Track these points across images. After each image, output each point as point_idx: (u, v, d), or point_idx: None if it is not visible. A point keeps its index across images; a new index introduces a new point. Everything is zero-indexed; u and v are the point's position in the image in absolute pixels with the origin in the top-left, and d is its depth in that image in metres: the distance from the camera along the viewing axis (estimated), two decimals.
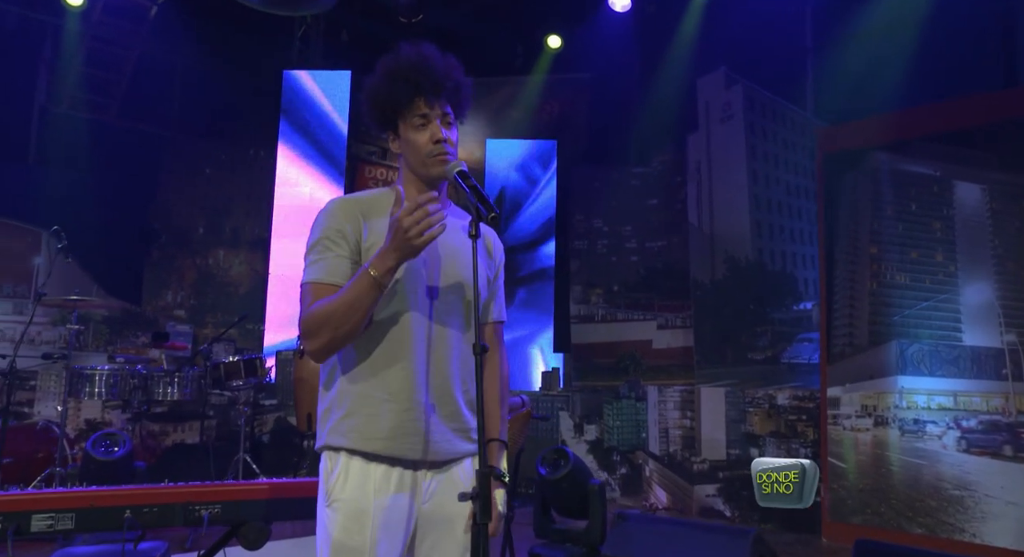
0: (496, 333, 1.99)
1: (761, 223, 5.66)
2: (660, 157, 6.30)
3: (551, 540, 3.74)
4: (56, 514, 1.81)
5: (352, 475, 1.74)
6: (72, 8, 5.88)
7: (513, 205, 7.14)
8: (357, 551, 1.70)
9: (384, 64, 1.90)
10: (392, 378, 1.75)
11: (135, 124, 7.23)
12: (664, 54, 6.12)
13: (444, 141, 1.84)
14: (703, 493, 5.46)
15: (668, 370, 6.00)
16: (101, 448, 3.64)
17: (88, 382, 4.18)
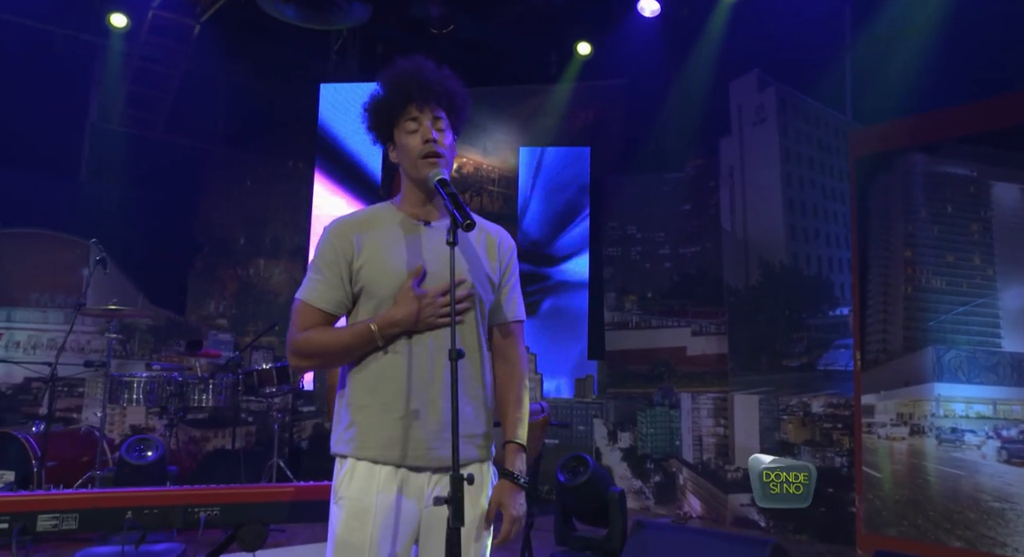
0: (513, 333, 2.00)
1: (795, 227, 5.56)
2: (693, 162, 6.23)
3: (571, 547, 3.74)
4: (61, 514, 1.89)
5: (358, 474, 1.81)
6: (116, 29, 6.12)
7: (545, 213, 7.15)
8: (358, 548, 1.76)
9: (380, 77, 1.96)
10: (386, 389, 1.82)
11: (180, 139, 7.48)
12: (695, 58, 6.07)
13: (434, 141, 1.88)
14: (737, 502, 5.37)
15: (702, 377, 5.92)
16: (135, 453, 3.77)
17: (127, 389, 4.33)
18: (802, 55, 5.55)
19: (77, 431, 4.61)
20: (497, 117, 7.46)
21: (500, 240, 2.03)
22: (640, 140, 6.49)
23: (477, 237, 1.98)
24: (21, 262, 5.97)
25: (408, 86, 1.89)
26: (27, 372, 5.43)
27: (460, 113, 1.99)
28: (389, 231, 1.89)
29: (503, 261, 2.01)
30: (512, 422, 1.94)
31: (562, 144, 7.15)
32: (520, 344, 2.02)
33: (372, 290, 1.83)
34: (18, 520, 1.85)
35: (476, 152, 7.55)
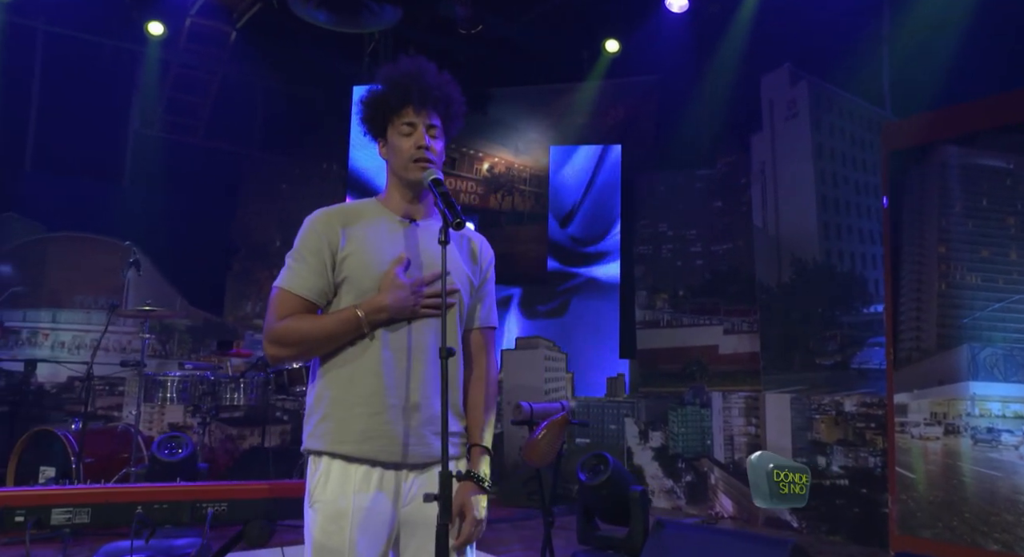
0: (484, 338, 2.01)
1: (829, 224, 5.46)
2: (724, 158, 6.16)
3: (594, 546, 3.73)
4: (74, 509, 1.96)
5: (333, 476, 1.80)
6: (154, 37, 6.29)
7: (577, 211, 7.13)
8: (336, 552, 1.75)
9: (381, 73, 1.97)
10: (364, 383, 1.81)
11: (218, 144, 7.66)
12: (725, 53, 6.00)
13: (427, 148, 1.90)
14: None
15: (734, 376, 5.85)
16: (166, 450, 3.88)
17: (161, 388, 4.45)
18: (836, 47, 5.44)
19: (114, 428, 4.76)
20: (528, 116, 7.47)
21: (481, 247, 2.05)
22: (671, 137, 6.44)
23: (459, 241, 2.00)
24: (66, 265, 6.17)
25: (408, 88, 1.90)
26: (70, 371, 5.62)
27: (455, 120, 2.00)
28: (376, 226, 1.91)
29: (483, 266, 2.02)
30: (478, 426, 1.93)
31: (593, 142, 7.13)
32: (491, 350, 2.03)
33: (355, 282, 1.83)
34: (33, 514, 1.92)
35: (508, 152, 7.57)
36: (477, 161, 7.62)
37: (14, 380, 5.62)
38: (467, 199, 7.58)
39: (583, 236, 7.19)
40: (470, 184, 7.60)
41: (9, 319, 5.90)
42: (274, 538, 2.12)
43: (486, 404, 1.96)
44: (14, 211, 6.12)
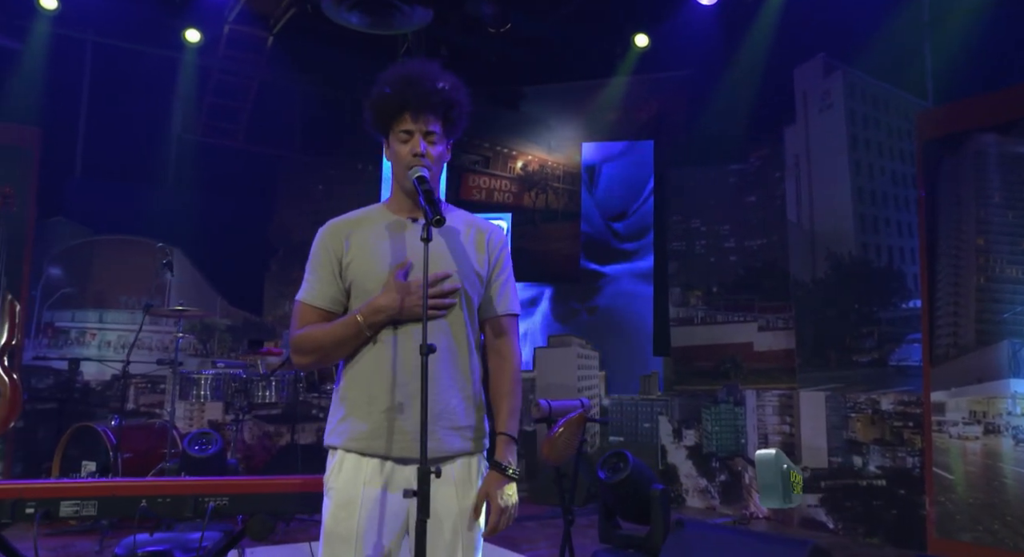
0: (503, 326, 2.01)
1: (865, 217, 5.32)
2: (757, 152, 6.05)
3: (615, 545, 3.70)
4: (81, 501, 2.03)
5: (346, 467, 1.87)
6: (191, 45, 6.45)
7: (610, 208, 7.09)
8: (345, 538, 1.81)
9: (383, 76, 2.00)
10: (373, 382, 1.87)
11: (257, 147, 7.82)
12: (756, 44, 5.88)
13: (423, 155, 1.92)
14: (804, 503, 5.18)
15: (770, 374, 5.74)
16: (196, 446, 3.99)
17: (195, 386, 4.57)
18: (872, 35, 5.29)
19: (152, 425, 4.90)
20: (560, 114, 7.45)
21: (490, 235, 2.05)
22: (703, 132, 6.34)
23: (466, 233, 2.02)
24: (112, 267, 6.37)
25: (405, 95, 1.93)
26: (113, 370, 5.81)
27: (457, 122, 2.02)
28: (377, 229, 1.96)
29: (492, 255, 2.03)
30: (502, 414, 1.95)
31: (625, 138, 7.08)
32: (513, 337, 2.03)
33: (360, 285, 1.90)
34: (43, 505, 1.99)
35: (541, 150, 7.56)
36: (511, 159, 7.63)
37: (61, 378, 5.84)
38: (501, 197, 7.59)
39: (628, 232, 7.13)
40: (504, 182, 7.62)
41: (59, 319, 6.13)
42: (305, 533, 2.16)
43: (511, 392, 1.97)
44: (62, 215, 6.34)
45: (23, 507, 2.00)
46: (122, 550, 2.74)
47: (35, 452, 5.42)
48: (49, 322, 6.05)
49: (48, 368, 5.83)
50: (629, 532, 3.70)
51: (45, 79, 6.15)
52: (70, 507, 2.03)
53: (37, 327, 5.99)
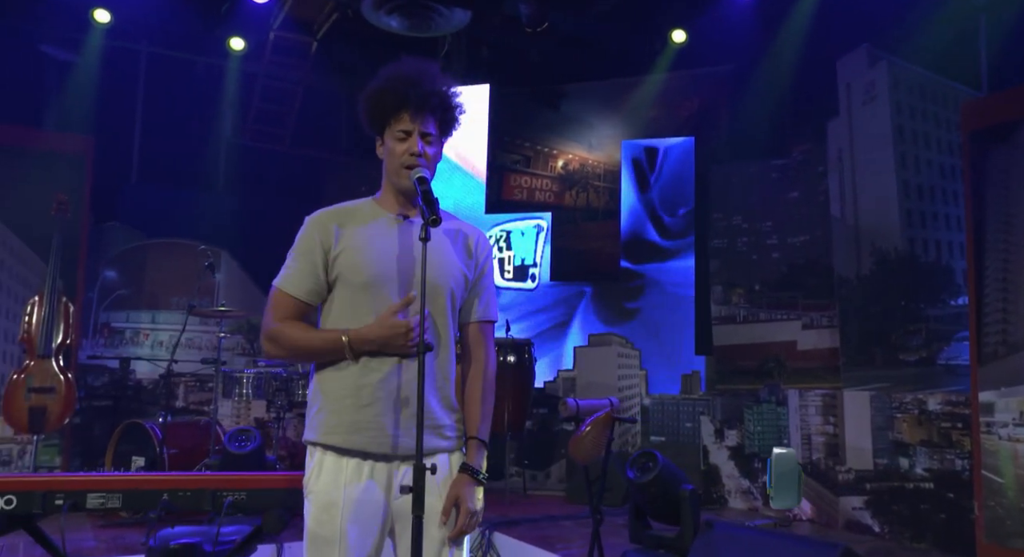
0: (481, 332, 2.04)
1: (912, 211, 5.16)
2: (799, 147, 5.92)
3: (645, 546, 3.68)
4: (107, 494, 2.12)
5: (326, 468, 1.88)
6: (235, 52, 6.63)
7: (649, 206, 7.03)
8: (328, 541, 1.83)
9: (383, 72, 2.03)
10: (355, 376, 1.88)
11: (303, 150, 8.00)
12: (797, 37, 5.76)
13: (420, 155, 1.95)
14: (849, 505, 5.06)
15: (814, 373, 5.62)
16: (235, 443, 4.11)
17: (237, 384, 4.71)
18: (919, 23, 5.13)
19: (197, 422, 5.06)
20: (601, 112, 7.43)
21: (477, 241, 2.07)
22: (744, 127, 6.24)
23: (454, 236, 2.03)
24: (164, 269, 6.60)
25: (406, 93, 1.95)
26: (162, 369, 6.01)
27: (452, 124, 2.05)
28: (369, 225, 1.97)
29: (479, 260, 2.04)
30: (475, 418, 1.97)
31: (666, 135, 7.01)
32: (489, 343, 2.05)
33: (347, 278, 1.91)
34: (70, 497, 2.09)
35: (581, 148, 7.55)
36: (551, 158, 7.63)
37: (116, 376, 6.07)
38: (542, 197, 7.60)
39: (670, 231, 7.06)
40: (544, 182, 7.62)
41: (114, 320, 6.37)
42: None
43: (483, 397, 1.99)
44: (117, 220, 6.59)
45: (53, 499, 2.10)
46: (155, 542, 2.84)
47: (91, 447, 5.66)
48: (105, 323, 6.29)
49: (103, 367, 6.07)
50: (660, 532, 3.67)
51: (99, 89, 6.40)
52: (96, 499, 2.12)
53: (94, 327, 6.24)
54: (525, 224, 7.25)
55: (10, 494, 2.08)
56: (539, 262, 7.14)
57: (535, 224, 7.20)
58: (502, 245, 7.28)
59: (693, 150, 6.80)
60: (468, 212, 7.29)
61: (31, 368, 4.70)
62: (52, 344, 4.73)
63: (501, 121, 7.53)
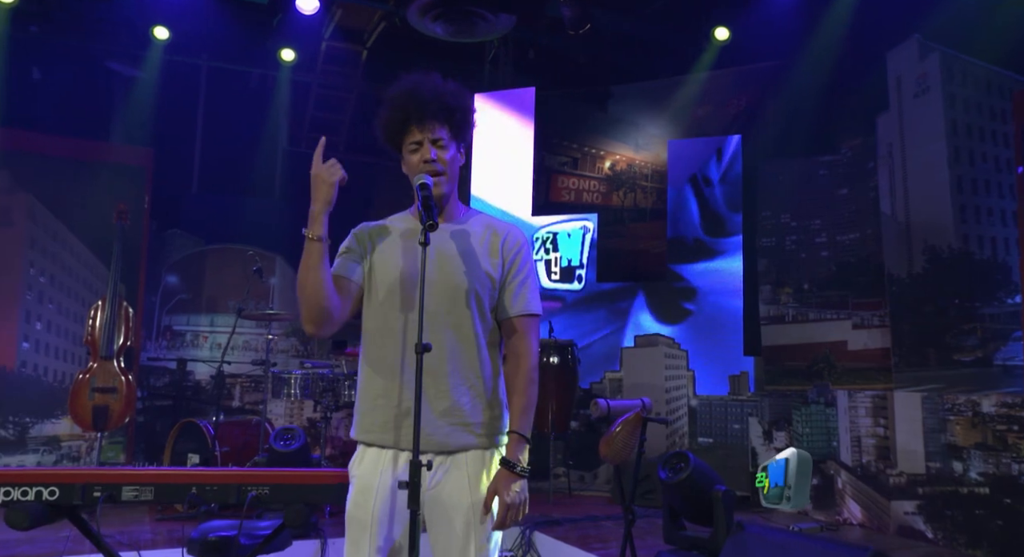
0: (518, 327, 2.07)
1: (966, 206, 4.99)
2: (848, 142, 5.78)
3: (679, 547, 3.67)
4: (140, 487, 2.24)
5: (367, 458, 2.00)
6: (285, 63, 6.85)
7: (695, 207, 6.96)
8: (362, 522, 1.94)
9: (385, 95, 2.13)
10: (384, 378, 1.99)
11: (357, 156, 8.17)
12: (845, 30, 5.64)
13: (434, 161, 2.03)
14: (901, 509, 4.92)
15: (865, 373, 5.48)
16: (281, 442, 4.26)
17: (286, 385, 4.87)
18: (974, 12, 4.96)
19: (249, 421, 5.25)
20: (647, 112, 7.39)
21: (505, 238, 2.11)
22: (791, 124, 6.12)
23: (481, 236, 2.09)
24: (222, 274, 6.85)
25: (407, 109, 2.05)
26: (227, 369, 6.25)
27: (462, 126, 2.11)
28: (399, 234, 2.10)
29: (507, 258, 2.09)
30: (514, 413, 2.02)
31: (713, 134, 6.94)
32: (528, 337, 2.07)
33: (378, 283, 2.03)
34: (107, 490, 2.22)
35: (628, 148, 7.53)
36: (599, 159, 7.63)
37: (175, 377, 6.34)
38: (589, 198, 7.61)
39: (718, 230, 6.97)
40: (592, 183, 7.63)
41: (176, 323, 6.65)
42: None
43: (524, 391, 2.02)
44: (178, 228, 6.87)
45: (92, 491, 2.23)
46: (196, 534, 2.99)
47: (153, 444, 5.92)
48: (167, 326, 6.58)
49: (164, 368, 6.34)
50: (693, 533, 3.66)
51: (161, 103, 6.70)
52: (131, 492, 2.24)
53: (157, 330, 6.52)
54: (571, 225, 7.27)
55: (53, 486, 2.23)
56: (585, 263, 7.15)
57: (581, 225, 7.22)
58: (549, 247, 7.31)
59: (740, 148, 6.70)
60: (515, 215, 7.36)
61: (94, 369, 4.96)
62: (113, 346, 4.99)
63: (548, 123, 7.57)
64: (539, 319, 2.11)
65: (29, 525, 2.20)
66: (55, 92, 6.43)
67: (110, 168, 5.96)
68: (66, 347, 5.73)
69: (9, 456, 5.51)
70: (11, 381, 5.60)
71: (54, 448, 5.63)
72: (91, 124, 6.39)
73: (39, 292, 5.73)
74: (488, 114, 7.51)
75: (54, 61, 6.65)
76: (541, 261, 7.33)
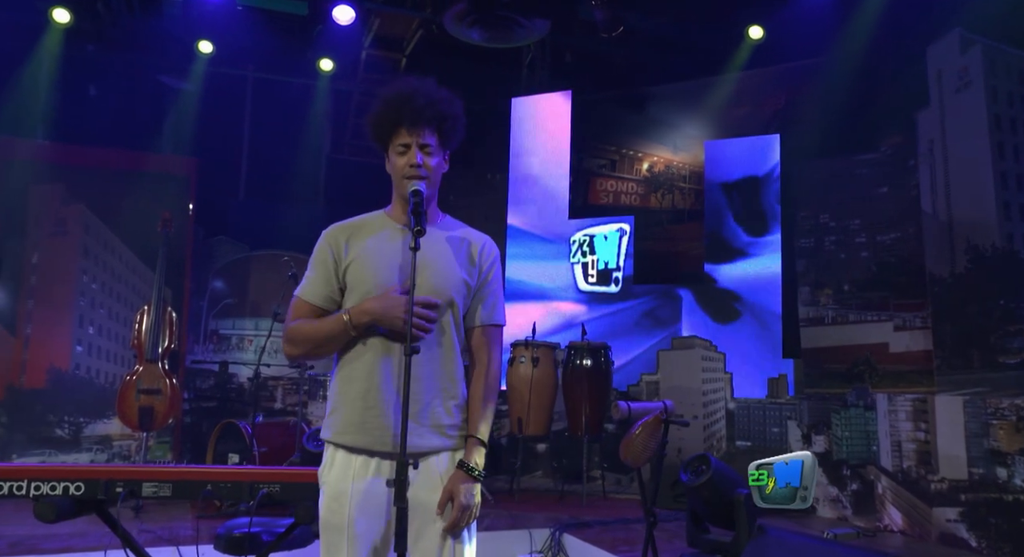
0: (484, 335, 2.13)
1: (1010, 203, 4.84)
2: (888, 140, 5.65)
3: (702, 550, 3.64)
4: (159, 483, 2.35)
5: (337, 462, 2.03)
6: (324, 72, 7.01)
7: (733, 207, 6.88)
8: (337, 528, 1.98)
9: (380, 95, 2.18)
10: (362, 380, 2.02)
11: None
12: (883, 25, 5.52)
13: (419, 166, 2.08)
14: (943, 517, 4.78)
15: (907, 376, 5.35)
16: (312, 442, 4.38)
17: (321, 387, 4.99)
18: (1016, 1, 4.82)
19: (287, 422, 5.40)
20: (684, 112, 7.35)
21: (482, 247, 2.15)
22: (830, 122, 6.01)
23: (459, 244, 2.14)
24: (266, 279, 7.05)
25: (400, 110, 2.10)
26: (269, 372, 6.44)
27: (450, 134, 2.16)
28: (378, 236, 2.12)
29: (483, 267, 2.13)
30: (474, 418, 2.07)
31: (750, 133, 6.86)
32: (492, 346, 2.13)
33: (355, 286, 2.05)
34: (128, 486, 2.34)
35: (666, 150, 7.49)
36: (636, 161, 7.61)
37: (220, 379, 6.54)
38: (627, 200, 7.59)
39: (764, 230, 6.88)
40: (630, 185, 7.61)
41: (222, 327, 6.87)
42: None
43: (484, 398, 2.08)
44: (224, 234, 7.09)
45: (114, 486, 2.35)
46: (222, 530, 3.10)
47: (199, 444, 6.13)
48: (214, 329, 6.79)
49: (209, 370, 6.56)
50: (717, 537, 3.63)
51: (206, 112, 6.93)
52: (150, 488, 2.36)
53: (204, 334, 6.75)
54: (608, 228, 7.26)
55: (79, 481, 2.35)
56: (621, 266, 7.13)
57: (617, 228, 7.20)
58: (585, 250, 7.32)
59: (779, 148, 6.61)
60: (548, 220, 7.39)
61: (140, 371, 5.17)
62: (158, 349, 5.19)
63: (586, 126, 7.58)
64: (502, 329, 2.17)
65: (56, 518, 2.33)
66: (109, 107, 6.73)
67: (156, 178, 6.21)
68: (116, 350, 5.98)
69: (64, 454, 5.78)
70: (66, 383, 5.88)
71: (106, 447, 5.88)
72: (140, 136, 6.66)
73: (91, 298, 6.00)
74: (525, 118, 7.56)
75: (109, 77, 6.95)
76: (578, 264, 7.34)
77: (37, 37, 6.36)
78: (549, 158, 7.47)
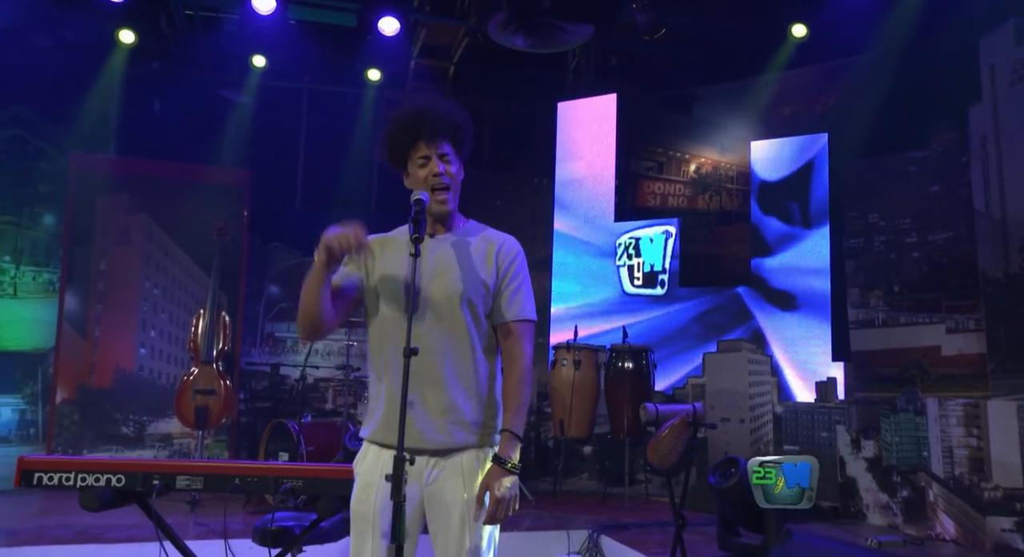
0: (513, 331, 2.19)
1: None
2: (939, 137, 5.49)
3: (732, 553, 3.63)
4: (191, 477, 2.51)
5: (369, 456, 2.17)
6: (372, 82, 7.21)
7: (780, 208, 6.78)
8: (364, 517, 2.10)
9: (393, 114, 2.29)
10: (385, 381, 2.14)
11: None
12: (934, 18, 5.38)
13: (443, 175, 2.18)
14: (997, 526, 4.63)
15: (961, 380, 5.19)
16: (353, 442, 4.49)
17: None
18: None
19: (334, 422, 5.56)
20: (731, 113, 7.28)
21: (500, 247, 2.23)
22: (878, 119, 5.89)
23: (478, 246, 2.22)
24: None
25: (418, 126, 2.20)
26: (319, 374, 6.64)
27: (465, 142, 2.26)
28: (400, 247, 2.23)
29: (501, 267, 2.20)
30: (507, 412, 2.14)
31: (800, 133, 6.75)
32: (521, 341, 2.18)
33: (376, 292, 2.18)
34: (164, 479, 2.50)
35: (713, 151, 7.44)
36: (684, 163, 7.57)
37: (275, 381, 6.78)
38: (675, 202, 7.56)
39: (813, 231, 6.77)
40: (677, 187, 7.57)
41: (278, 330, 7.12)
42: None
43: (515, 393, 2.14)
44: (279, 241, 7.35)
45: (151, 479, 2.51)
46: (259, 523, 3.24)
47: (254, 443, 6.36)
48: (270, 333, 7.05)
49: (263, 372, 6.81)
50: (747, 540, 3.62)
51: (260, 124, 7.20)
52: (184, 481, 2.51)
53: (260, 336, 7.00)
54: (653, 231, 7.24)
55: (120, 474, 2.52)
56: (667, 268, 7.11)
57: (663, 230, 7.18)
58: (631, 252, 7.31)
59: (827, 147, 6.49)
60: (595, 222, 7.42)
61: (196, 373, 5.42)
62: (212, 351, 5.43)
63: (632, 128, 7.58)
64: (533, 325, 2.22)
65: (99, 507, 2.50)
66: (172, 121, 7.06)
67: (212, 188, 6.49)
68: (176, 353, 6.28)
69: (129, 451, 6.10)
70: (131, 383, 6.20)
71: (167, 444, 6.18)
72: (199, 148, 6.97)
73: (153, 303, 6.31)
74: (571, 121, 7.61)
75: (172, 93, 7.28)
76: (624, 266, 7.34)
77: (105, 58, 6.72)
78: (595, 161, 7.49)
